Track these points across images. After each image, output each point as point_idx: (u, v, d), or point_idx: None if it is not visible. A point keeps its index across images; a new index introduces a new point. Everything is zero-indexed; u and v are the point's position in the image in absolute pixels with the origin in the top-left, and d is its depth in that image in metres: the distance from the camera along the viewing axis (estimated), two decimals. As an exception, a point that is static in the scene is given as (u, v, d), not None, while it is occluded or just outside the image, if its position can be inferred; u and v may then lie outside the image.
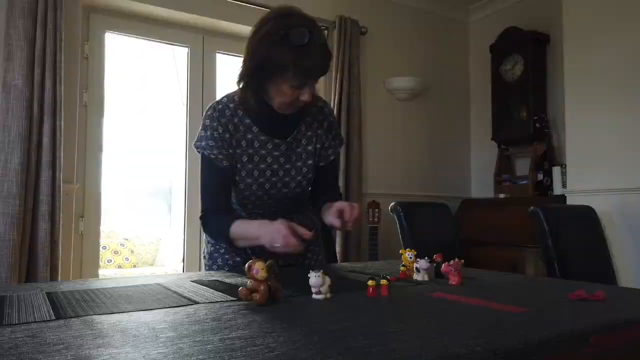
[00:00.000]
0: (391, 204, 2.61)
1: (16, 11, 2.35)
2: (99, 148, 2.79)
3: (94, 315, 0.76)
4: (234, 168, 1.33)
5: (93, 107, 2.77)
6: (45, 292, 0.98)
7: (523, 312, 0.80)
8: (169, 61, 3.71)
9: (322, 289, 0.92)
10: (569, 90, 2.91)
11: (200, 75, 3.13)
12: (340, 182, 3.23)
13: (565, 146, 2.98)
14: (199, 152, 1.32)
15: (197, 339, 0.62)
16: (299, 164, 1.37)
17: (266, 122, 1.32)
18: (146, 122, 4.09)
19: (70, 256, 2.59)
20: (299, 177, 1.37)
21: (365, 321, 0.73)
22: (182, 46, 3.16)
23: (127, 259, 4.45)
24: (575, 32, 2.88)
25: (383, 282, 0.97)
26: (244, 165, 1.32)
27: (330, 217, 1.27)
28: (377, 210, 3.18)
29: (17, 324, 0.71)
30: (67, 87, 2.53)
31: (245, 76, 1.26)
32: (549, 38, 3.52)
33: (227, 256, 1.43)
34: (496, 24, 3.80)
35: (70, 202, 2.59)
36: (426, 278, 1.18)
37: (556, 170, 3.28)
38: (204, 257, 1.48)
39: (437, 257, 1.22)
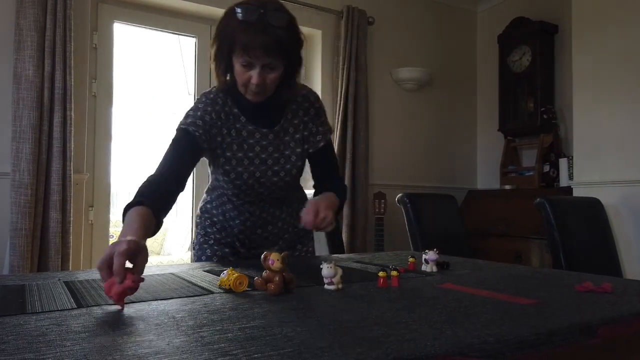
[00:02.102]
0: (398, 195, 2.63)
1: (26, 1, 2.36)
2: (108, 138, 2.81)
3: (113, 305, 0.78)
4: (212, 157, 1.34)
5: (102, 97, 2.79)
6: (64, 281, 1.00)
7: (532, 304, 0.82)
8: (176, 51, 3.71)
9: (334, 280, 0.94)
10: (577, 82, 2.90)
11: (208, 65, 3.13)
12: (347, 173, 3.25)
13: (572, 138, 2.98)
14: (181, 127, 1.27)
15: (217, 328, 0.64)
16: (287, 152, 1.37)
17: (252, 111, 1.34)
18: (153, 111, 4.11)
19: (81, 245, 2.62)
20: (288, 166, 1.38)
21: (378, 311, 0.75)
22: (190, 36, 3.16)
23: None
24: (584, 23, 2.87)
25: (394, 273, 0.99)
26: (234, 154, 1.33)
27: (305, 213, 1.21)
28: (383, 201, 3.20)
29: (41, 312, 0.73)
30: (76, 77, 2.55)
31: (213, 58, 1.27)
32: (557, 29, 3.50)
33: (216, 247, 1.45)
34: (504, 14, 3.78)
35: (80, 192, 2.62)
36: (434, 269, 1.20)
37: (563, 162, 3.28)
38: (193, 247, 1.51)
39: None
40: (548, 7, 3.56)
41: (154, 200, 1.07)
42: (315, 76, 3.44)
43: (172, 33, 3.13)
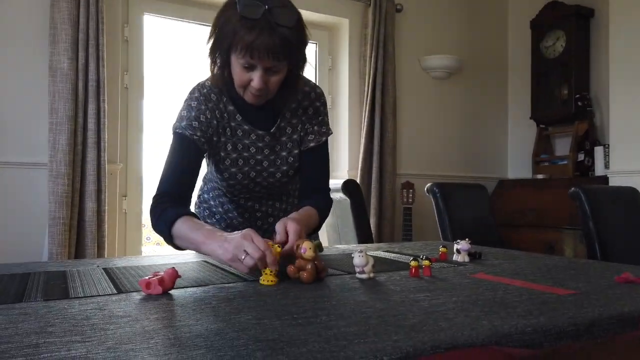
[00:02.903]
0: (427, 185, 2.60)
1: (60, -4, 2.41)
2: (139, 129, 2.87)
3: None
4: (206, 154, 1.25)
5: (133, 88, 2.84)
6: (102, 268, 1.04)
7: (570, 294, 0.80)
8: (201, 42, 3.75)
9: (366, 269, 0.94)
10: (614, 67, 2.80)
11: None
12: (374, 163, 3.23)
13: (609, 125, 2.89)
14: (178, 132, 1.19)
15: (252, 314, 0.65)
16: (283, 153, 1.29)
17: (249, 110, 1.23)
18: (181, 103, 4.17)
19: (115, 233, 2.70)
20: (285, 167, 1.29)
21: (412, 300, 0.74)
22: (218, 27, 3.18)
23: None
24: (621, 6, 2.76)
25: (425, 262, 0.99)
26: (228, 154, 1.25)
27: (279, 228, 1.03)
28: (411, 190, 3.17)
29: (84, 297, 0.76)
30: (109, 69, 2.60)
31: (209, 52, 1.16)
32: (593, 12, 3.38)
33: None
34: (537, -1, 3.68)
35: (114, 182, 2.69)
36: (466, 259, 1.19)
37: (598, 151, 3.19)
38: None
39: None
40: (584, -10, 3.44)
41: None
42: (343, 65, 3.42)
43: (200, 24, 3.15)
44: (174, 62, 3.22)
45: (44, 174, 2.46)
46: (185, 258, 1.19)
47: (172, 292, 0.80)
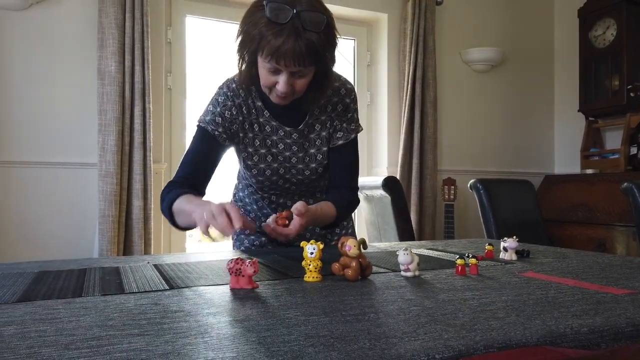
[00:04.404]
0: (470, 181, 2.55)
1: (107, 0, 2.50)
2: (182, 128, 2.94)
3: (201, 287, 0.83)
4: (236, 151, 1.28)
5: (176, 89, 2.92)
6: (153, 264, 1.07)
7: (626, 294, 0.77)
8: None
9: (411, 267, 0.93)
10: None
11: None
12: (415, 159, 3.19)
13: (664, 117, 2.74)
14: (201, 126, 1.24)
15: (301, 310, 0.66)
16: (312, 150, 1.28)
17: (277, 106, 1.21)
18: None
19: (161, 231, 2.78)
20: (313, 165, 1.29)
21: (460, 299, 0.73)
22: (257, 27, 3.22)
23: (205, 233, 4.69)
24: (679, -10, 2.61)
25: (472, 260, 0.97)
26: (257, 149, 1.25)
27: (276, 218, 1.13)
28: (452, 187, 3.12)
29: (138, 292, 0.79)
30: (153, 71, 2.68)
31: (236, 51, 1.15)
32: (647, -2, 3.22)
33: (253, 237, 1.40)
34: (585, -14, 3.53)
35: (159, 181, 2.77)
36: (514, 258, 1.16)
37: (652, 143, 3.04)
38: (232, 237, 1.43)
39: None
40: (635, -25, 3.28)
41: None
42: (381, 61, 3.39)
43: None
44: (214, 62, 3.28)
45: (93, 174, 2.56)
46: (229, 255, 1.21)
47: (220, 288, 0.82)
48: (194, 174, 1.23)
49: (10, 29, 2.48)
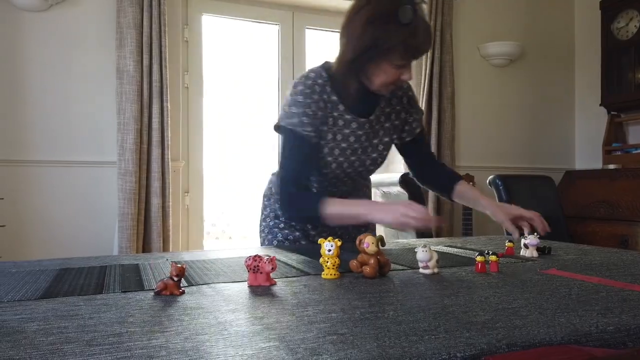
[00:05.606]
0: (489, 177, 2.52)
1: (125, 0, 2.53)
2: (200, 127, 2.96)
3: (220, 284, 0.83)
4: (319, 146, 1.30)
5: (194, 88, 2.94)
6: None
7: (653, 292, 0.75)
8: (257, 40, 3.80)
9: (430, 264, 0.92)
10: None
11: (291, 52, 3.18)
12: (432, 155, 3.16)
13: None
14: (289, 129, 1.25)
15: (320, 308, 0.66)
16: (375, 141, 1.36)
17: (352, 100, 1.29)
18: (242, 100, 4.26)
19: (179, 228, 2.81)
20: (375, 155, 1.36)
21: (481, 297, 0.72)
22: (273, 24, 3.22)
23: (223, 231, 4.73)
24: None
25: (492, 258, 0.96)
26: (327, 142, 1.29)
27: (508, 224, 1.28)
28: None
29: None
30: (171, 70, 2.70)
31: (349, 61, 1.21)
32: (671, -12, 3.13)
33: (287, 231, 1.42)
34: (607, -23, 3.45)
35: (177, 179, 2.79)
36: (535, 254, 1.14)
37: (678, 138, 2.96)
38: (263, 231, 1.46)
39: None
40: (660, -36, 3.19)
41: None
42: (398, 57, 3.36)
43: (256, 22, 3.20)
44: (231, 60, 3.29)
45: (112, 172, 2.59)
46: (246, 253, 1.22)
47: (238, 285, 0.82)
48: (301, 180, 1.29)
49: (30, 30, 2.52)
